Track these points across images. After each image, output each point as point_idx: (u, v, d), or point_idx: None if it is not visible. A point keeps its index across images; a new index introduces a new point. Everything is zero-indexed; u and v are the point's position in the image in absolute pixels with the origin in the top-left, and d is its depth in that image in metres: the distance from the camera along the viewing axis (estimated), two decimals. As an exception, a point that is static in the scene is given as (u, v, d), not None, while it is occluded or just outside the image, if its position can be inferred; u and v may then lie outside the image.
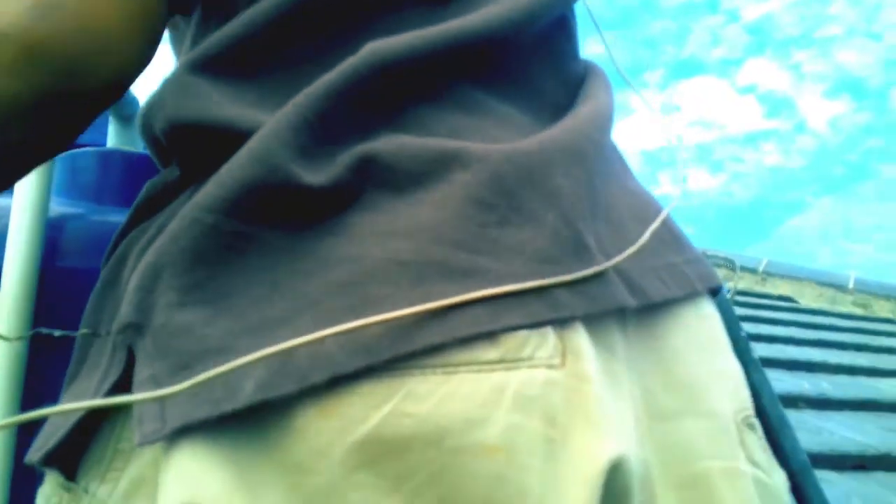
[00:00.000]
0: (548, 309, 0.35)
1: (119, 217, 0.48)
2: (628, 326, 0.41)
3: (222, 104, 0.40)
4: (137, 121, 0.45)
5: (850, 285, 4.29)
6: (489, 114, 0.43)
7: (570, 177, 0.39)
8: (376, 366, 0.32)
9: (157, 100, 0.42)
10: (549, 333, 0.34)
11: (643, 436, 0.38)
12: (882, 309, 4.12)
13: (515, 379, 0.33)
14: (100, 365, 0.40)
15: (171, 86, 0.42)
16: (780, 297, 4.18)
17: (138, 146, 0.96)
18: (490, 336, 0.33)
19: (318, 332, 0.32)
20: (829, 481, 1.33)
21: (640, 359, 0.41)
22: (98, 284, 0.46)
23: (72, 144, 0.49)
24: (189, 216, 0.36)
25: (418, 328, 0.32)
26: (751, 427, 0.44)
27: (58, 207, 0.83)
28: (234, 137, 0.38)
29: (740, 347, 0.66)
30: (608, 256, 0.39)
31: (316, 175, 0.37)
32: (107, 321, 0.43)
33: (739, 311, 3.28)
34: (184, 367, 0.33)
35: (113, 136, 0.97)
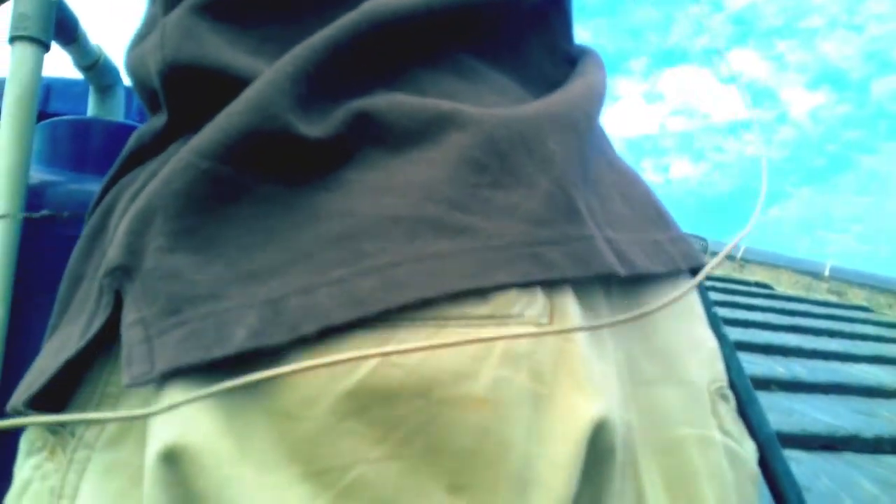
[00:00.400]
0: (539, 269, 0.35)
1: (98, 186, 0.47)
2: (612, 293, 0.41)
3: (222, 49, 0.40)
4: (125, 63, 0.45)
5: (826, 273, 4.33)
6: (485, 81, 0.44)
7: (563, 144, 0.40)
8: (367, 318, 0.32)
9: (157, 40, 0.41)
10: (539, 293, 0.35)
11: (627, 399, 0.39)
12: (856, 297, 4.17)
13: (504, 334, 0.33)
14: (85, 310, 0.40)
15: (171, 27, 0.41)
16: (758, 284, 4.22)
17: (118, 116, 0.96)
18: (481, 292, 0.34)
19: (309, 283, 0.33)
20: (798, 460, 1.35)
21: (623, 325, 0.41)
22: (84, 234, 0.45)
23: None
24: (184, 160, 0.36)
25: (410, 282, 0.33)
26: (724, 398, 0.46)
27: (37, 175, 0.83)
28: (231, 84, 0.38)
29: (710, 322, 0.68)
30: (598, 225, 0.40)
31: (312, 127, 0.37)
32: (93, 270, 0.42)
33: (717, 296, 3.31)
34: (173, 312, 0.33)
35: (93, 107, 0.97)
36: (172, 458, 0.31)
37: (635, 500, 0.38)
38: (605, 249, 0.39)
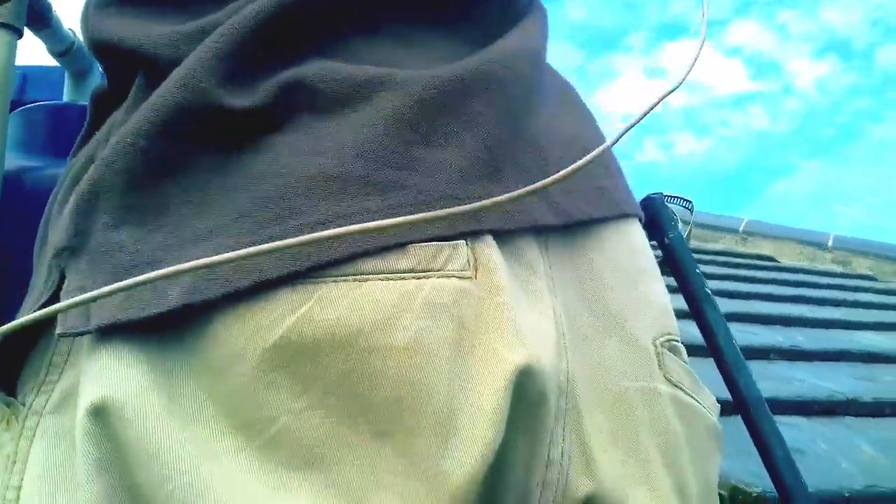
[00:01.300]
0: (465, 221, 0.37)
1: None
2: (550, 244, 0.42)
3: (137, 28, 0.41)
4: None
5: (830, 243, 4.32)
6: (424, 46, 0.44)
7: (488, 103, 0.41)
8: (298, 273, 0.34)
9: (82, 15, 0.44)
10: (462, 247, 0.36)
11: (568, 351, 0.40)
12: (861, 266, 4.15)
13: (426, 286, 0.35)
14: (34, 291, 0.41)
15: (93, 4, 0.44)
16: (760, 257, 4.21)
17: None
18: (401, 247, 0.35)
19: (244, 241, 0.34)
20: (795, 425, 1.35)
21: (563, 277, 0.42)
22: (42, 220, 0.47)
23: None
24: (122, 141, 0.37)
25: (339, 239, 0.34)
26: (673, 350, 0.46)
27: (14, 161, 0.82)
28: (148, 61, 0.40)
29: (695, 284, 0.67)
30: (531, 180, 0.40)
31: (243, 99, 0.38)
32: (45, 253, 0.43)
33: (718, 269, 3.29)
34: (115, 281, 0.34)
35: (68, 92, 0.97)
36: (100, 413, 0.33)
37: (579, 449, 0.38)
38: (532, 203, 0.40)
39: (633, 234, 0.49)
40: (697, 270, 0.66)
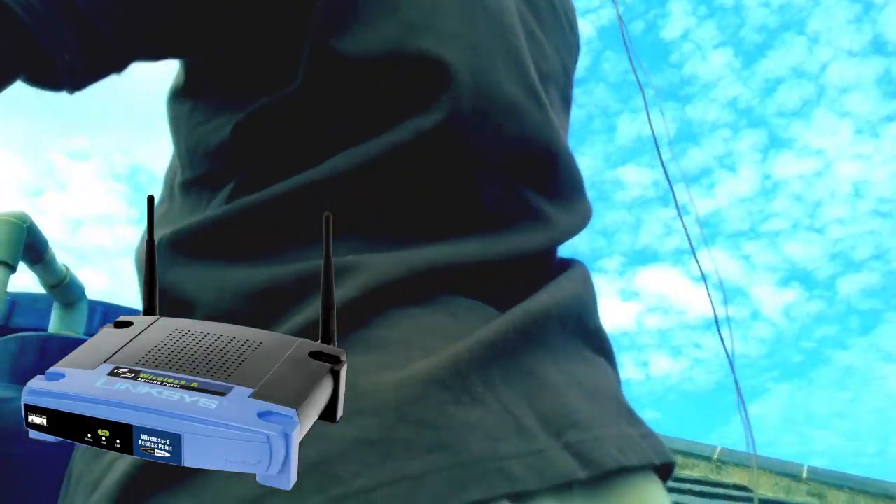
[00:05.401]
0: (504, 483, 0.39)
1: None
2: (574, 496, 0.44)
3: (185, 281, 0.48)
4: None
5: (805, 475, 4.27)
6: (472, 313, 0.49)
7: (507, 370, 0.45)
8: None
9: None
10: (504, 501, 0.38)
11: None
12: (836, 499, 4.09)
13: None
14: None
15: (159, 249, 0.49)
16: (736, 486, 4.14)
17: (80, 330, 0.99)
18: None
19: None
20: None
21: None
22: None
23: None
24: None
25: None
26: None
27: (-1, 391, 0.84)
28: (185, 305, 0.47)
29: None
30: (556, 432, 0.44)
31: None
32: None
33: (695, 500, 3.23)
34: None
35: (55, 322, 1.00)
36: None
37: None
38: (561, 457, 0.42)
39: (658, 484, 0.51)
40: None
